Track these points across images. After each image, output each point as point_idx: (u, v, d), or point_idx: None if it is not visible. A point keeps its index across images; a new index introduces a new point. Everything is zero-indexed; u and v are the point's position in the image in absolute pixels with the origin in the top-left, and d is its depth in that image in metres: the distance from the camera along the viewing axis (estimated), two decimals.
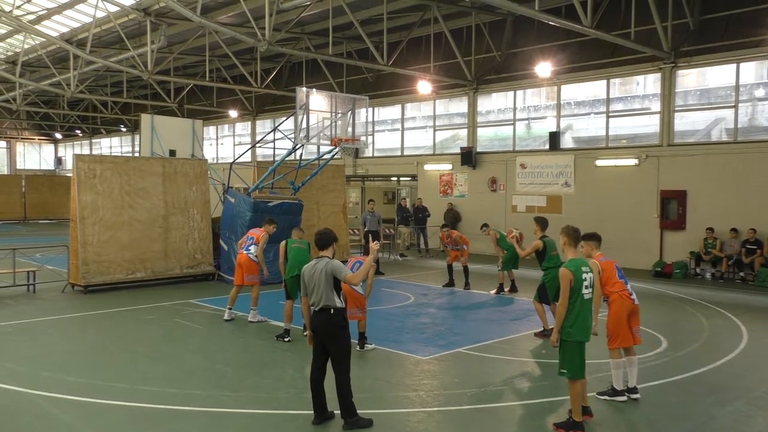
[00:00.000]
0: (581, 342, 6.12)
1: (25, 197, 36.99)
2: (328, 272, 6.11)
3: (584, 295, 6.10)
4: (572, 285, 6.05)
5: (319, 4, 18.93)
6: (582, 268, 6.15)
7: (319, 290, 6.13)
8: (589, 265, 6.25)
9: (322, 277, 6.11)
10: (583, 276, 6.09)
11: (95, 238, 13.60)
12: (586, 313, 6.12)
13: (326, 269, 6.13)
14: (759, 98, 16.84)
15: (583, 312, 6.09)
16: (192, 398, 7.07)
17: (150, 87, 32.35)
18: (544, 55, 19.80)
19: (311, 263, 6.34)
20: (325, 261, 6.24)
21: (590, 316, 6.20)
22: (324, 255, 6.36)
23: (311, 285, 6.20)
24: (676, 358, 8.72)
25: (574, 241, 6.39)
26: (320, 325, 6.18)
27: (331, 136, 14.66)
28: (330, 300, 6.13)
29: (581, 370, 6.14)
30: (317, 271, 6.17)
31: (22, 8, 21.54)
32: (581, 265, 6.18)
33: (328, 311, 6.14)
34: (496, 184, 21.60)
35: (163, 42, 20.81)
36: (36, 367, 8.13)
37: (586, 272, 6.15)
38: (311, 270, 6.24)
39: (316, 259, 6.33)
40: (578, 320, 6.09)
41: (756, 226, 15.74)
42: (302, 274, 6.33)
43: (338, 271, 6.14)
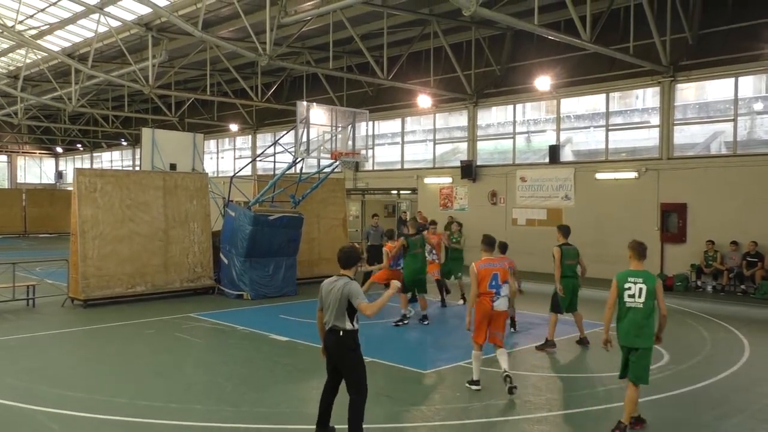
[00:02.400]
0: (622, 346, 6.49)
1: (25, 211, 36.97)
2: (344, 294, 5.90)
3: (627, 303, 6.42)
4: (617, 290, 6.46)
5: (320, 19, 19.05)
6: (628, 278, 6.48)
7: (332, 310, 5.96)
8: (642, 276, 6.45)
9: (338, 297, 5.91)
10: (626, 285, 6.43)
11: (95, 251, 13.59)
12: (628, 320, 6.41)
13: (343, 291, 5.91)
14: (758, 112, 16.91)
15: (625, 319, 6.43)
16: (192, 413, 7.03)
17: (151, 101, 32.46)
18: (543, 69, 19.90)
19: (331, 280, 6.11)
20: (344, 281, 5.99)
21: (631, 324, 6.41)
22: (345, 274, 6.08)
23: (327, 302, 6.04)
24: (678, 371, 8.68)
25: (638, 254, 6.65)
26: (331, 344, 6.06)
27: (331, 149, 14.70)
28: (341, 321, 5.95)
29: (623, 370, 6.53)
30: (335, 289, 5.97)
31: (25, 23, 21.70)
32: (628, 276, 6.51)
33: (337, 332, 5.97)
34: (497, 197, 21.62)
35: (165, 56, 20.93)
36: (35, 382, 8.09)
37: (633, 283, 6.43)
38: (329, 287, 6.06)
39: (337, 277, 6.08)
40: (619, 325, 6.48)
41: (757, 239, 15.73)
42: (321, 288, 6.14)
43: (354, 296, 5.90)
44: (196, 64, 25.98)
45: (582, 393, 7.87)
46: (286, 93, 29.60)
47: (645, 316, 6.37)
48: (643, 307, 6.37)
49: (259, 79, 26.31)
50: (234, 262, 14.92)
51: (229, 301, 14.45)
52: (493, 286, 7.67)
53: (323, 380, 8.67)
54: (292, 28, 19.60)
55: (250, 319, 12.24)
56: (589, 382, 8.29)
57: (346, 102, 25.55)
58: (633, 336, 6.40)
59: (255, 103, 26.90)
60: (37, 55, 25.21)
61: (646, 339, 6.39)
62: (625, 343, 6.45)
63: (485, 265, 7.80)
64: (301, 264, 16.40)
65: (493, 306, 7.69)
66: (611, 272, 6.94)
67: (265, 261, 14.96)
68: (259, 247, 14.73)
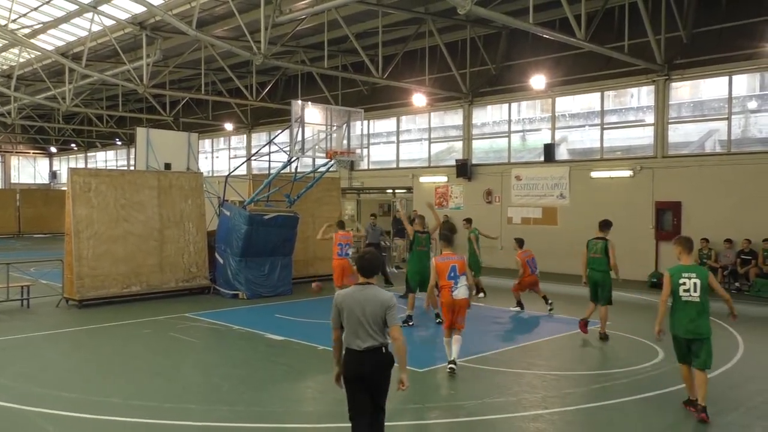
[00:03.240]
0: (673, 335, 6.96)
1: (19, 211, 36.82)
2: (384, 305, 5.04)
3: (682, 297, 6.83)
4: (671, 285, 6.87)
5: (315, 18, 19.04)
6: (682, 273, 6.88)
7: (368, 324, 5.01)
8: (695, 272, 6.88)
9: (377, 308, 5.02)
10: (681, 281, 6.85)
11: (90, 251, 13.54)
12: (682, 312, 6.84)
13: (383, 300, 5.05)
14: (752, 110, 16.97)
15: (679, 311, 6.87)
16: (188, 413, 7.01)
17: (145, 100, 32.37)
18: (538, 67, 19.93)
19: (354, 291, 5.16)
20: (373, 291, 5.12)
21: (687, 316, 6.80)
22: (370, 282, 5.20)
23: (355, 317, 5.03)
24: (673, 368, 8.68)
25: (688, 249, 7.07)
26: (371, 367, 5.05)
27: (326, 148, 14.70)
28: (381, 336, 5.06)
29: (678, 356, 7.03)
30: (366, 302, 5.04)
31: (18, 22, 21.61)
32: (682, 271, 6.92)
33: (379, 351, 5.05)
34: (492, 196, 21.64)
35: (159, 56, 20.87)
36: (30, 383, 8.06)
37: (687, 278, 6.83)
38: (356, 298, 5.07)
39: (360, 287, 5.15)
40: (674, 317, 6.91)
41: (750, 237, 15.80)
42: (339, 303, 5.13)
43: (393, 308, 5.06)
44: (191, 63, 25.91)
45: (577, 390, 7.88)
46: (281, 92, 29.57)
47: (700, 309, 6.79)
48: (699, 301, 6.78)
49: (254, 78, 26.27)
50: (229, 261, 14.90)
51: (224, 300, 14.43)
52: (451, 278, 8.33)
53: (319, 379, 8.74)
54: (287, 27, 19.59)
55: (246, 319, 12.23)
56: (584, 380, 8.31)
57: (341, 101, 25.52)
58: (690, 328, 6.80)
59: (250, 102, 26.86)
60: (30, 54, 25.10)
61: (704, 330, 6.79)
62: (684, 335, 6.84)
63: (443, 259, 8.49)
64: (297, 263, 16.39)
65: (452, 295, 8.37)
66: None
67: (260, 260, 14.95)
68: (255, 247, 14.72)
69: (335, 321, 5.20)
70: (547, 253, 19.59)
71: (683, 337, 6.87)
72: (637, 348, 10.09)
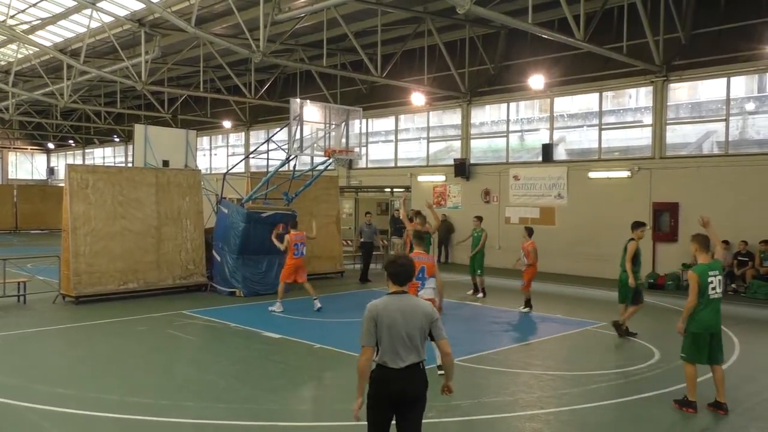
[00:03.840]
0: (697, 333, 6.97)
1: (16, 207, 36.76)
2: (426, 320, 4.49)
3: (710, 295, 6.94)
4: (700, 286, 6.90)
5: (314, 16, 19.01)
6: (709, 272, 6.96)
7: (410, 341, 4.43)
8: (717, 269, 7.02)
9: (422, 322, 4.48)
10: (709, 280, 6.93)
11: (87, 248, 13.53)
12: (710, 310, 6.95)
13: (427, 312, 4.52)
14: (749, 112, 17.00)
15: (707, 309, 6.94)
16: (184, 410, 7.01)
17: (144, 97, 32.33)
18: (537, 67, 19.93)
19: (388, 301, 4.52)
20: (412, 300, 4.58)
21: (713, 313, 6.98)
22: (404, 291, 4.60)
23: (395, 332, 4.41)
24: (669, 369, 8.73)
25: (705, 247, 7.11)
26: (417, 387, 4.51)
27: (324, 147, 14.70)
28: (422, 352, 4.53)
29: (696, 356, 7.02)
30: (408, 313, 4.46)
31: (16, 18, 21.54)
32: (708, 270, 6.98)
33: (419, 366, 4.51)
34: (490, 196, 21.65)
35: (158, 53, 20.83)
36: (26, 379, 8.05)
37: (714, 276, 6.96)
38: (395, 310, 4.46)
39: (396, 297, 4.54)
40: (701, 316, 6.94)
41: (747, 239, 15.83)
42: (376, 315, 4.46)
43: (436, 322, 4.55)
44: (190, 60, 25.88)
45: (573, 390, 7.90)
46: (279, 90, 29.54)
47: (720, 302, 7.05)
48: (721, 296, 7.04)
49: (253, 76, 26.24)
50: (227, 259, 14.89)
51: (221, 298, 14.43)
52: (419, 278, 8.14)
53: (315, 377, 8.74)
54: (286, 25, 19.56)
55: (243, 317, 12.23)
56: (580, 380, 8.32)
57: (339, 99, 25.51)
58: (716, 323, 7.01)
59: (248, 100, 26.83)
60: (28, 50, 25.05)
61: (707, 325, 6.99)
62: (713, 330, 6.99)
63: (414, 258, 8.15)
64: None
65: (417, 295, 8.09)
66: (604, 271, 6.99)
67: (257, 258, 14.94)
68: (252, 245, 14.71)
69: (369, 337, 4.45)
70: (545, 253, 19.55)
71: (709, 332, 6.97)
72: (634, 348, 10.11)
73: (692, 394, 7.05)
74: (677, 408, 7.08)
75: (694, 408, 6.98)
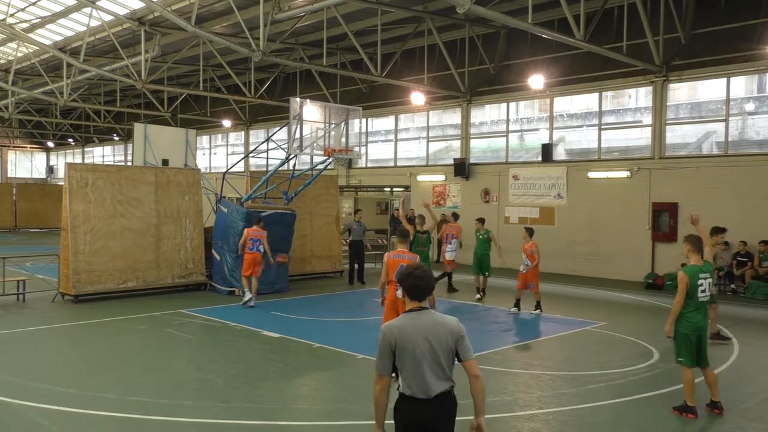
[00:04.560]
0: (686, 334, 6.95)
1: (16, 206, 36.75)
2: (452, 338, 3.95)
3: (700, 297, 6.94)
4: (688, 288, 6.88)
5: (314, 15, 19.01)
6: (699, 275, 6.94)
7: (437, 364, 3.90)
8: (708, 271, 7.01)
9: (444, 343, 3.93)
10: (699, 282, 6.92)
11: (87, 247, 13.52)
12: (698, 312, 6.96)
13: (452, 330, 3.96)
14: (749, 112, 17.00)
15: (696, 311, 6.95)
16: (183, 409, 7.02)
17: (143, 96, 32.33)
18: (537, 67, 19.94)
19: (405, 320, 3.98)
20: (433, 317, 4.00)
21: (702, 315, 7.00)
22: (423, 306, 4.05)
23: (417, 356, 3.88)
24: (668, 369, 8.73)
25: (698, 249, 7.11)
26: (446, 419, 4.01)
27: (324, 146, 14.69)
28: (450, 377, 3.99)
29: (690, 360, 6.96)
30: (431, 332, 3.91)
31: (16, 16, 21.54)
32: (699, 272, 6.96)
33: (448, 395, 3.98)
34: (489, 196, 21.65)
35: (157, 51, 20.82)
36: (25, 378, 8.05)
37: (704, 279, 6.95)
38: (415, 330, 3.91)
39: (413, 314, 3.98)
40: (689, 317, 6.95)
41: (747, 239, 15.83)
42: (392, 339, 3.91)
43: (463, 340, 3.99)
44: (189, 59, 25.87)
45: (573, 390, 7.90)
46: (279, 89, 29.54)
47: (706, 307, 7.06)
48: (711, 298, 7.07)
49: (253, 75, 26.23)
50: (226, 258, 14.88)
51: (220, 297, 14.42)
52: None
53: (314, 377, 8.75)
54: (286, 24, 19.55)
55: (242, 316, 12.23)
56: (580, 380, 8.33)
57: (339, 99, 25.52)
58: (704, 325, 7.03)
59: (248, 99, 26.82)
60: (28, 49, 25.01)
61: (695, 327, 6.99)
62: (701, 332, 7.01)
63: (395, 257, 8.42)
64: (294, 261, 16.38)
65: (396, 294, 8.16)
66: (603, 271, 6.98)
67: None
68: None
69: (384, 365, 3.93)
70: (544, 253, 19.54)
71: (697, 334, 6.98)
72: (633, 349, 10.12)
73: (691, 399, 6.99)
74: (677, 414, 7.01)
75: (694, 413, 6.93)
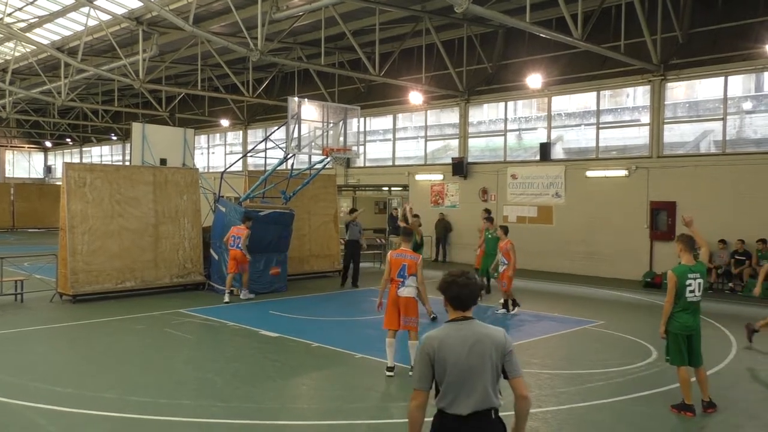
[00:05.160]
0: (675, 334, 6.99)
1: (13, 206, 36.68)
2: (498, 353, 3.61)
3: (688, 297, 6.94)
4: (677, 287, 6.91)
5: (312, 15, 19.00)
6: (688, 275, 6.94)
7: (478, 380, 3.55)
8: (698, 272, 6.99)
9: (489, 357, 3.58)
10: (688, 282, 6.92)
11: (85, 247, 13.51)
12: (687, 312, 6.97)
13: (498, 344, 3.62)
14: (747, 111, 17.03)
15: (684, 312, 6.96)
16: (182, 408, 7.01)
17: (141, 96, 32.29)
18: (535, 66, 19.94)
19: (448, 330, 3.64)
20: (478, 328, 3.64)
21: (691, 315, 6.99)
22: (467, 317, 3.69)
23: (457, 370, 3.54)
24: (666, 368, 8.72)
25: (690, 248, 7.15)
26: None
27: (322, 145, 14.69)
28: (495, 397, 3.63)
29: (677, 357, 7.03)
30: (475, 345, 3.57)
31: (13, 16, 21.49)
32: (688, 272, 6.97)
33: (488, 416, 3.62)
34: (487, 195, 21.66)
35: (155, 51, 20.80)
36: (23, 378, 8.04)
37: (693, 279, 6.94)
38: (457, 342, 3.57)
39: (457, 325, 3.64)
40: (678, 317, 6.98)
41: (744, 238, 15.86)
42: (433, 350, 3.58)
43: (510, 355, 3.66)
44: (187, 58, 25.83)
45: (571, 389, 7.91)
46: (277, 89, 29.53)
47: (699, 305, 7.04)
48: (700, 299, 7.00)
49: (251, 75, 26.20)
50: (224, 257, 14.86)
51: (218, 296, 14.40)
52: (400, 275, 8.26)
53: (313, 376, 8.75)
54: (284, 24, 19.53)
55: (240, 315, 12.23)
56: (578, 379, 8.34)
57: (337, 98, 25.51)
58: (694, 324, 7.00)
59: (246, 98, 26.80)
60: (26, 48, 24.97)
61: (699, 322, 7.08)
62: (690, 332, 7.00)
63: (398, 255, 8.41)
64: (292, 260, 16.38)
65: (397, 292, 8.25)
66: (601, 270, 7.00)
67: (255, 257, 14.88)
68: (250, 243, 14.68)
69: (422, 379, 3.61)
70: (542, 252, 19.67)
71: (686, 334, 7.00)
72: (631, 347, 10.13)
73: (688, 398, 7.02)
74: (675, 412, 7.04)
75: (692, 411, 6.95)
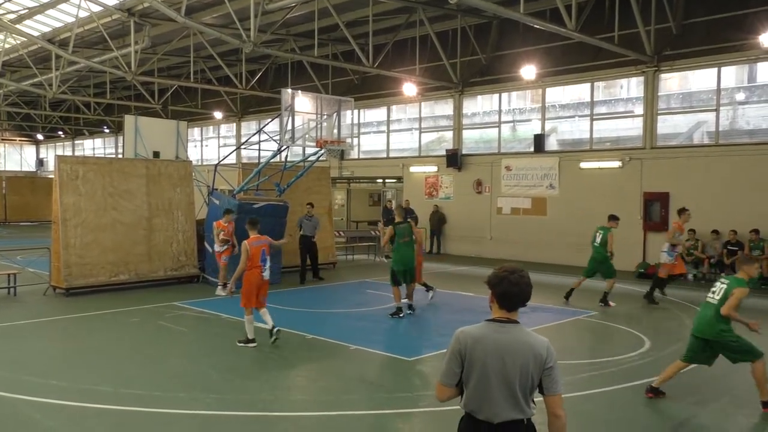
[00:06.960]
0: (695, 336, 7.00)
1: (5, 199, 36.50)
2: (536, 365, 3.28)
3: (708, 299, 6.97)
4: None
5: (305, 6, 18.90)
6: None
7: (509, 389, 3.27)
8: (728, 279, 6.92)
9: (525, 368, 3.26)
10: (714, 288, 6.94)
11: (78, 240, 13.45)
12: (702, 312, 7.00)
13: (538, 354, 3.28)
14: (739, 102, 17.08)
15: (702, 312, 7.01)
16: (177, 401, 7.01)
17: (134, 88, 32.07)
18: (528, 58, 19.91)
19: (486, 329, 3.36)
20: (519, 334, 3.33)
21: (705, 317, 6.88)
22: (511, 319, 3.37)
23: (486, 375, 3.27)
24: (659, 357, 8.80)
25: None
26: None
27: (316, 137, 14.65)
28: (527, 407, 3.33)
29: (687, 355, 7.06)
30: (510, 351, 3.26)
31: (3, 7, 21.29)
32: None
33: (520, 425, 3.32)
34: (482, 186, 21.67)
35: (147, 43, 20.65)
36: (17, 371, 8.02)
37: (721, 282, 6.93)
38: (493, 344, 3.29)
39: (497, 326, 3.34)
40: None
41: (737, 228, 15.94)
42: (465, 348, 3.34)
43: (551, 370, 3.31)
44: (180, 50, 25.68)
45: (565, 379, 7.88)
46: (270, 80, 29.40)
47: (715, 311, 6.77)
48: (717, 304, 6.79)
49: (244, 67, 26.09)
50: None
51: (213, 289, 14.38)
52: (263, 260, 9.23)
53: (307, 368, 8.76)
54: (277, 15, 19.44)
55: (234, 308, 12.12)
56: (572, 369, 8.37)
57: (331, 90, 25.41)
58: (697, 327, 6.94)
59: (239, 90, 26.69)
60: (16, 40, 24.78)
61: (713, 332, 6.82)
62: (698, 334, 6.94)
63: (256, 243, 9.33)
64: (286, 253, 16.34)
65: (263, 276, 9.26)
66: None
67: None
68: (244, 236, 14.64)
69: (449, 376, 3.37)
70: (536, 243, 19.73)
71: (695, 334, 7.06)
72: (625, 337, 10.19)
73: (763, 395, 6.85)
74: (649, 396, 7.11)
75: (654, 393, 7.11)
